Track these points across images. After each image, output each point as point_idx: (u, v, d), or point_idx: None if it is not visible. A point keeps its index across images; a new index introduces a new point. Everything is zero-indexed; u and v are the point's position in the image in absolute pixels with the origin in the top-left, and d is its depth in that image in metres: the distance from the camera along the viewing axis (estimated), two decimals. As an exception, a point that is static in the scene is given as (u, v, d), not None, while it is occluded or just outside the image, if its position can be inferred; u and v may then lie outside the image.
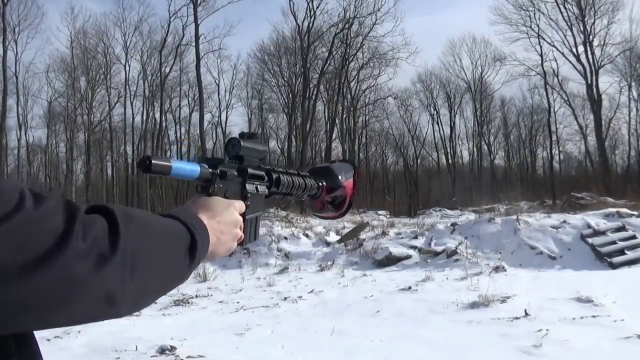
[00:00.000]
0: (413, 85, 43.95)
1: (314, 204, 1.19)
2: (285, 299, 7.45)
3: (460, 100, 43.07)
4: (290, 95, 35.87)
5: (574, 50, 31.55)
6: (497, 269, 8.92)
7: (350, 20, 32.27)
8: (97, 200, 35.16)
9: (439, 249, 10.46)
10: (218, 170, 0.88)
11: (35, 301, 0.50)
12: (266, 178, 1.01)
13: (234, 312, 6.75)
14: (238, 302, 7.33)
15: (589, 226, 10.38)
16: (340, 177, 1.17)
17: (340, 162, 1.22)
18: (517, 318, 5.53)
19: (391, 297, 7.25)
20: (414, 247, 10.88)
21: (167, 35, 33.05)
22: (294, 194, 1.08)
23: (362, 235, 12.39)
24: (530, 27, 32.93)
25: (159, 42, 33.77)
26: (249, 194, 0.95)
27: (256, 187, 0.98)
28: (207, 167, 0.86)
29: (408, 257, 10.41)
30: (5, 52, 28.18)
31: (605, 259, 9.28)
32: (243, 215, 0.91)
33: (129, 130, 36.74)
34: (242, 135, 0.97)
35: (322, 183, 1.14)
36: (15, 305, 0.49)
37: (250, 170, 0.95)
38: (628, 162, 36.45)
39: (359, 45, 33.68)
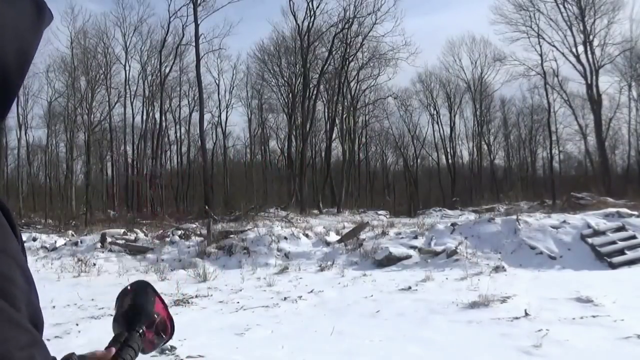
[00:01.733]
0: (413, 85, 44.02)
1: (144, 350, 1.05)
2: (285, 299, 7.45)
3: (460, 100, 43.14)
4: (290, 95, 35.89)
5: (574, 50, 31.54)
6: (497, 269, 8.92)
7: (350, 20, 32.28)
8: (97, 200, 35.15)
9: (439, 249, 10.46)
10: None
11: None
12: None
13: (234, 312, 6.75)
14: (238, 302, 7.32)
15: (589, 226, 10.37)
16: (148, 307, 1.04)
17: (133, 293, 1.06)
18: (517, 318, 5.53)
19: (391, 297, 7.25)
20: (414, 247, 10.87)
21: (167, 35, 33.10)
22: None
23: (362, 235, 12.39)
24: (530, 27, 32.90)
25: (159, 42, 33.83)
26: None
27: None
28: None
29: (408, 257, 10.40)
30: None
31: (605, 259, 9.28)
32: None
33: (129, 130, 36.79)
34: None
35: (142, 329, 1.00)
36: None
37: None
38: (628, 162, 36.46)
39: (359, 45, 33.68)
